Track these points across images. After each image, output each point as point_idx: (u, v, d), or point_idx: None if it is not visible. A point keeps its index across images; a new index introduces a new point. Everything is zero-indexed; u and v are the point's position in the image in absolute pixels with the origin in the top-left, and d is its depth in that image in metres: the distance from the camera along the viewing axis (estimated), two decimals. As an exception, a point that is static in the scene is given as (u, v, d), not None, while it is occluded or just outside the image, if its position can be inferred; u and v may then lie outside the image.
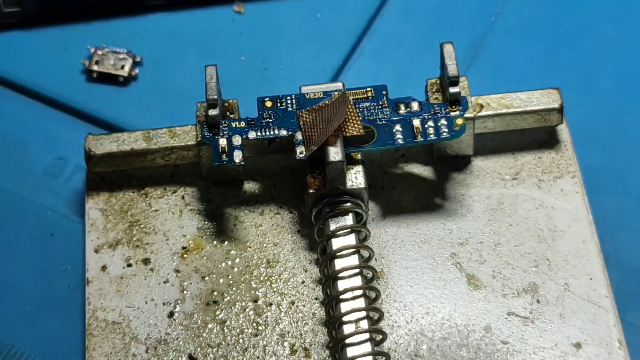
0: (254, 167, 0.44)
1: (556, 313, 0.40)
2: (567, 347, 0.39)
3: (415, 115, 0.41)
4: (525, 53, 0.48)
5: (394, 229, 0.42)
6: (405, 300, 0.41)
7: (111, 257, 0.42)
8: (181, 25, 0.50)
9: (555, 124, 0.43)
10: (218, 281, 0.41)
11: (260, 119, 0.42)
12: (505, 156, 0.44)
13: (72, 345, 0.41)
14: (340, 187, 0.40)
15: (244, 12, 0.50)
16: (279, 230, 0.42)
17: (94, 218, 0.43)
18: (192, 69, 0.48)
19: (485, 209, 0.42)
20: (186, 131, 0.43)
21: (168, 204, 0.43)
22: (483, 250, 0.41)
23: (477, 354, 0.39)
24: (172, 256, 0.42)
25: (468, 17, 0.49)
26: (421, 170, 0.44)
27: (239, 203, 0.43)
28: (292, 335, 0.40)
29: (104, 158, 0.43)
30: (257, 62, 0.48)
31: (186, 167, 0.44)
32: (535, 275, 0.41)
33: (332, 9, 0.50)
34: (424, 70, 0.47)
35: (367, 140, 0.41)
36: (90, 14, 0.50)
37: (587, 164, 0.44)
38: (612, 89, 0.47)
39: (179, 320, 0.40)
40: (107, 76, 0.48)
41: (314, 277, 0.41)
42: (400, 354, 0.39)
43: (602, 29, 0.49)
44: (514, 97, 0.43)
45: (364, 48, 0.49)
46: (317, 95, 0.42)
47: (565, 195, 0.42)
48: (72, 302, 0.42)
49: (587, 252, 0.41)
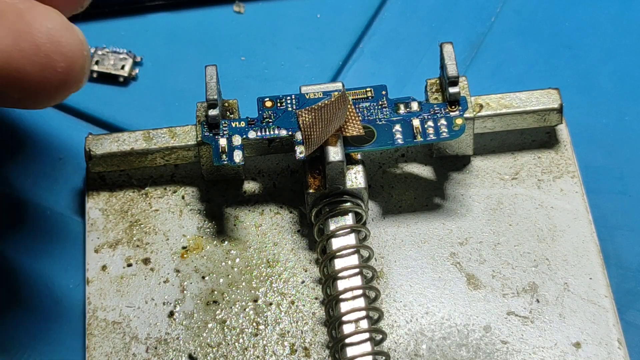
0: (254, 167, 0.44)
1: (556, 313, 0.40)
2: (566, 346, 0.39)
3: (415, 116, 0.41)
4: (524, 53, 0.48)
5: (394, 228, 0.42)
6: (405, 300, 0.41)
7: (111, 257, 0.42)
8: (181, 25, 0.50)
9: (554, 124, 0.43)
10: (218, 281, 0.41)
11: (260, 119, 0.42)
12: (504, 156, 0.44)
13: (72, 345, 0.41)
14: (340, 187, 0.40)
15: (244, 12, 0.50)
16: (279, 230, 0.42)
17: (94, 218, 0.43)
18: (192, 69, 0.48)
19: (484, 209, 0.42)
20: (186, 131, 0.43)
21: (168, 204, 0.43)
22: (483, 250, 0.41)
23: (476, 353, 0.39)
24: (172, 256, 0.42)
25: (468, 17, 0.49)
26: (421, 170, 0.44)
27: (239, 203, 0.43)
28: (292, 335, 0.40)
29: (104, 158, 0.43)
30: (257, 62, 0.48)
31: (186, 167, 0.44)
32: (535, 275, 0.41)
33: (332, 9, 0.50)
34: (423, 70, 0.47)
35: (367, 140, 0.41)
36: (90, 14, 0.50)
37: (586, 163, 0.44)
38: (611, 89, 0.47)
39: (179, 320, 0.41)
40: (107, 76, 0.48)
41: (314, 277, 0.41)
42: (400, 354, 0.39)
43: (601, 29, 0.49)
44: (514, 97, 0.43)
45: (363, 48, 0.49)
46: (317, 95, 0.42)
47: (564, 195, 0.43)
48: (72, 302, 0.42)
49: (586, 252, 0.41)
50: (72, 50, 0.34)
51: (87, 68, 0.35)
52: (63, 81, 0.35)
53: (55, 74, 0.34)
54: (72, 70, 0.34)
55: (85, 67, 0.35)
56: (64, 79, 0.34)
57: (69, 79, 0.35)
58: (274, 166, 0.44)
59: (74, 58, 0.34)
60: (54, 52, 0.34)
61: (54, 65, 0.34)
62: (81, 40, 0.35)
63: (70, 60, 0.34)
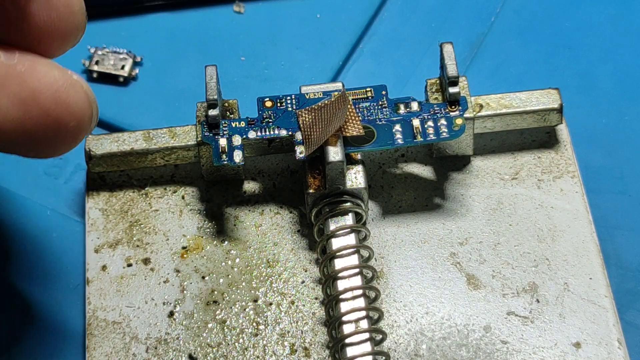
0: (254, 167, 0.44)
1: (556, 313, 0.40)
2: (566, 346, 0.39)
3: (415, 116, 0.41)
4: (524, 53, 0.48)
5: (394, 228, 0.42)
6: (405, 300, 0.41)
7: (111, 257, 0.42)
8: (181, 25, 0.50)
9: (554, 124, 0.43)
10: (218, 281, 0.41)
11: (260, 119, 0.42)
12: (504, 156, 0.44)
13: (72, 345, 0.41)
14: (340, 187, 0.40)
15: (244, 12, 0.50)
16: (279, 230, 0.42)
17: (94, 218, 0.43)
18: (192, 69, 0.48)
19: (484, 209, 0.42)
20: (186, 131, 0.43)
21: (168, 204, 0.43)
22: (483, 250, 0.41)
23: (476, 353, 0.39)
24: (172, 256, 0.42)
25: (467, 17, 0.49)
26: (421, 170, 0.44)
27: (239, 203, 0.43)
28: (292, 335, 0.40)
29: (104, 158, 0.43)
30: (257, 62, 0.48)
31: (186, 167, 0.44)
32: (535, 275, 0.41)
33: (332, 9, 0.50)
34: (423, 70, 0.47)
35: (366, 140, 0.41)
36: (90, 14, 0.50)
37: (586, 163, 0.44)
38: (611, 89, 0.47)
39: (179, 320, 0.41)
40: (107, 76, 0.48)
41: (314, 277, 0.41)
42: (400, 354, 0.39)
43: (601, 29, 0.49)
44: (514, 97, 0.43)
45: (363, 48, 0.49)
46: (317, 95, 0.42)
47: (564, 195, 0.43)
48: (72, 302, 0.42)
49: (586, 252, 0.41)
50: (80, 108, 0.34)
51: (96, 115, 0.35)
52: (74, 136, 0.35)
53: (67, 132, 0.34)
54: (82, 124, 0.34)
55: (93, 115, 0.35)
56: (75, 133, 0.34)
57: (80, 133, 0.35)
58: (274, 166, 0.44)
59: (83, 113, 0.34)
60: (64, 114, 0.34)
61: (65, 125, 0.34)
62: (86, 91, 0.35)
63: (80, 116, 0.34)
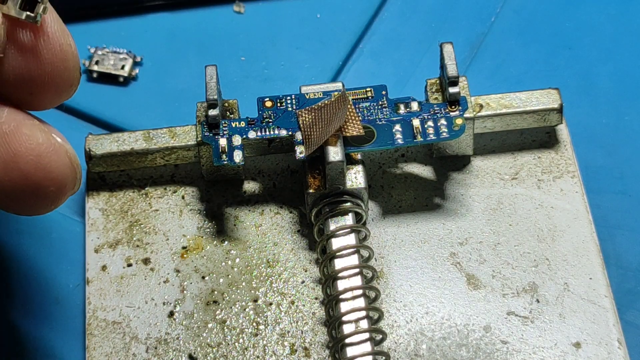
0: (254, 167, 0.44)
1: (556, 313, 0.40)
2: (566, 346, 0.39)
3: (415, 116, 0.41)
4: (524, 53, 0.48)
5: (394, 228, 0.42)
6: (405, 300, 0.41)
7: (111, 257, 0.42)
8: (181, 25, 0.50)
9: (554, 124, 0.43)
10: (218, 281, 0.41)
11: (260, 119, 0.42)
12: (504, 156, 0.44)
13: (72, 345, 0.41)
14: (340, 187, 0.40)
15: (244, 12, 0.50)
16: (279, 230, 0.42)
17: (94, 218, 0.43)
18: (192, 69, 0.48)
19: (484, 209, 0.42)
20: (186, 131, 0.43)
21: (168, 204, 0.43)
22: (483, 250, 0.41)
23: (476, 353, 0.39)
24: (172, 256, 0.42)
25: (467, 17, 0.49)
26: (421, 170, 0.44)
27: (239, 203, 0.43)
28: (292, 335, 0.40)
29: (104, 158, 0.43)
30: (257, 62, 0.48)
31: (186, 167, 0.44)
32: (535, 275, 0.41)
33: (332, 9, 0.50)
34: (423, 70, 0.47)
35: (367, 140, 0.41)
36: (90, 14, 0.50)
37: (586, 163, 0.44)
38: (611, 89, 0.47)
39: (179, 320, 0.41)
40: (107, 76, 0.48)
41: (314, 277, 0.41)
42: (400, 354, 0.39)
43: (601, 29, 0.49)
44: (514, 97, 0.43)
45: (363, 48, 0.49)
46: (317, 95, 0.42)
47: (564, 195, 0.43)
48: (72, 302, 0.42)
49: (586, 252, 0.41)
50: (61, 173, 0.34)
51: (79, 178, 0.35)
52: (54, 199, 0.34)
53: (47, 196, 0.34)
54: (63, 188, 0.34)
55: (77, 180, 0.35)
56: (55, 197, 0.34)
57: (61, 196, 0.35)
58: (274, 166, 0.44)
59: (64, 178, 0.34)
60: (43, 179, 0.34)
61: (45, 189, 0.34)
62: (70, 156, 0.34)
63: (60, 181, 0.34)
